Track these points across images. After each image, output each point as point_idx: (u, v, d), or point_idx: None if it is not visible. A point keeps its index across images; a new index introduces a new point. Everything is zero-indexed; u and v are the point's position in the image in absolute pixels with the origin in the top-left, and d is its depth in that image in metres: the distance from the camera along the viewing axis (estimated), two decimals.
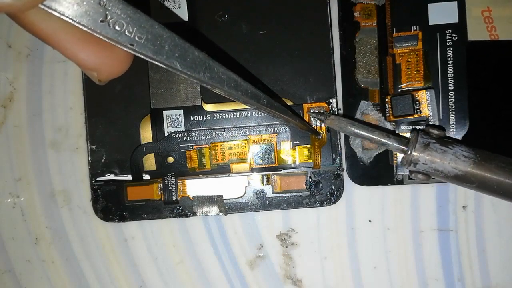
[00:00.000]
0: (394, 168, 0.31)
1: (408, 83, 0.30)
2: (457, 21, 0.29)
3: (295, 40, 0.32)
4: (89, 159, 0.32)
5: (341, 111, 0.32)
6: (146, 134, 0.32)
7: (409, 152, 0.27)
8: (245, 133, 0.32)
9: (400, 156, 0.30)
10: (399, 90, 0.30)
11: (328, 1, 0.32)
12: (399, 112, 0.30)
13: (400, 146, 0.27)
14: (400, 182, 0.32)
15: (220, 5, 0.32)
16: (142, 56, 0.19)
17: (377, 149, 0.32)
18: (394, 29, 0.30)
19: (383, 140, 0.28)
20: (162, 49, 0.19)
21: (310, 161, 0.32)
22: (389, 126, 0.31)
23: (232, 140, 0.32)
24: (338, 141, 0.32)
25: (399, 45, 0.30)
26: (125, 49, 0.19)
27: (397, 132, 0.31)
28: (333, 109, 0.32)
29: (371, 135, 0.28)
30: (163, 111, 0.32)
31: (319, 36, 0.32)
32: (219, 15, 0.32)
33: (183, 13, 0.32)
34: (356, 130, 0.28)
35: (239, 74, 0.32)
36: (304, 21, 0.32)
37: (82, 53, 0.19)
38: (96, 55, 0.19)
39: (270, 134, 0.32)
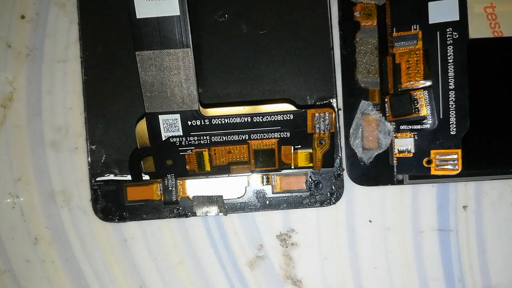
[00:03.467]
0: (394, 168, 0.31)
1: (408, 83, 0.30)
2: (458, 19, 0.29)
3: (295, 40, 0.32)
4: (89, 159, 0.32)
5: (341, 111, 0.32)
6: (144, 137, 0.31)
7: None
8: (245, 138, 0.31)
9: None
10: (399, 90, 0.30)
11: (328, 1, 0.32)
12: (398, 112, 0.30)
13: None
14: (400, 182, 0.32)
15: (220, 5, 0.32)
16: None
17: (377, 149, 0.32)
18: (394, 28, 0.30)
19: None
20: None
21: (311, 165, 0.31)
22: (389, 126, 0.31)
23: (231, 145, 0.31)
24: (338, 141, 0.32)
25: (398, 45, 0.30)
26: None
27: (397, 132, 0.31)
28: (334, 109, 0.32)
29: None
30: (159, 115, 0.30)
31: (319, 36, 0.32)
32: (219, 15, 0.32)
33: None
34: None
35: (239, 74, 0.32)
36: (304, 21, 0.32)
37: None
38: None
39: (270, 139, 0.31)
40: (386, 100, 0.31)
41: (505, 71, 0.31)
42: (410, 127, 0.30)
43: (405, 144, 0.31)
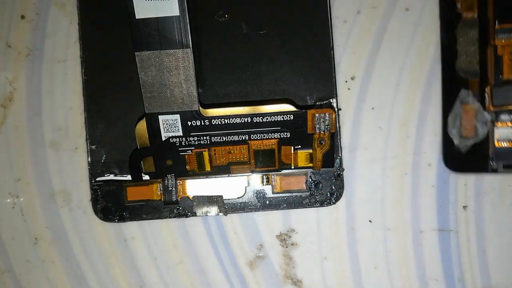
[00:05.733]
0: (492, 156, 0.31)
1: (511, 75, 0.30)
2: None
3: (295, 40, 0.32)
4: (89, 159, 0.32)
5: (341, 111, 0.32)
6: (144, 137, 0.31)
7: None
8: (245, 138, 0.31)
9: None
10: (501, 80, 0.30)
11: (328, 1, 0.32)
12: (500, 102, 0.30)
13: None
14: (495, 170, 0.32)
15: (220, 5, 0.32)
16: None
17: (475, 138, 0.32)
18: (497, 20, 0.30)
19: None
20: None
21: (311, 165, 0.31)
22: (487, 115, 0.31)
23: (231, 145, 0.31)
24: (338, 141, 0.32)
25: (501, 37, 0.30)
26: None
27: (496, 122, 0.31)
28: (334, 109, 0.32)
29: None
30: (159, 116, 0.30)
31: (319, 36, 0.32)
32: (219, 15, 0.32)
33: None
34: None
35: (239, 74, 0.32)
36: (304, 21, 0.32)
37: None
38: None
39: (270, 139, 0.31)
40: (486, 90, 0.31)
41: None
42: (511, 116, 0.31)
43: (505, 134, 0.31)
